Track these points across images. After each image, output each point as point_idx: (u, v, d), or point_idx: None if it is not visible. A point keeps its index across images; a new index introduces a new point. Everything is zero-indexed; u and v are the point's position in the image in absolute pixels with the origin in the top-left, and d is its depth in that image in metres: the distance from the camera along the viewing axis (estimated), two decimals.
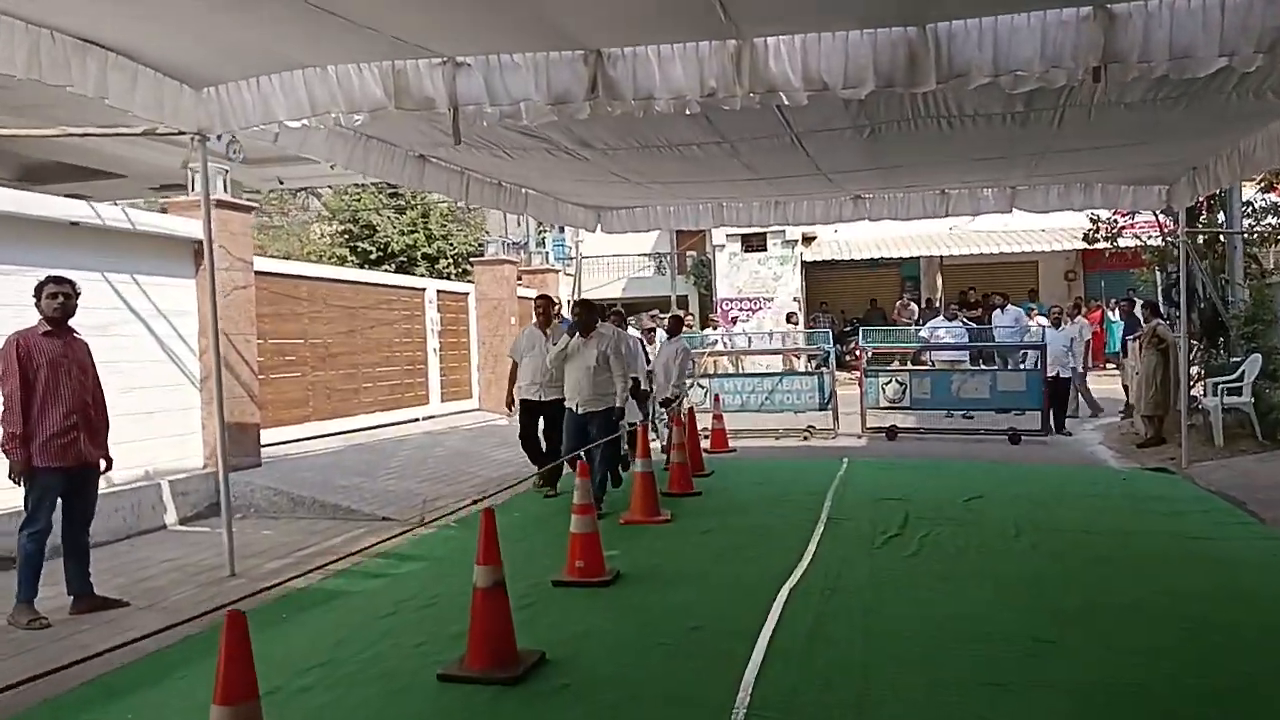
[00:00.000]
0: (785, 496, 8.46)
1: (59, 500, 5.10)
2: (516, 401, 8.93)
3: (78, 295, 5.21)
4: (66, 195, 8.02)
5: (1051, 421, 12.15)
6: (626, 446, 9.50)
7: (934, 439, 12.46)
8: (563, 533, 5.88)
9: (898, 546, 6.50)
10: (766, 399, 13.22)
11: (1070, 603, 5.17)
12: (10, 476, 4.96)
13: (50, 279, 5.14)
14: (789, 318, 21.86)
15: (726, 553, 6.56)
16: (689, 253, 27.13)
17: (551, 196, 10.59)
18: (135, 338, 7.50)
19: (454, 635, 4.54)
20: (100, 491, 6.88)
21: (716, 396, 12.68)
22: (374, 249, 26.59)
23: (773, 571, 5.83)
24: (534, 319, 9.04)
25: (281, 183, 15.56)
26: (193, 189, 8.18)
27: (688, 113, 5.24)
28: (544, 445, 8.78)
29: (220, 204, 8.12)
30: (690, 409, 10.72)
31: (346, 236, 27.65)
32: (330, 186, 27.71)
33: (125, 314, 7.40)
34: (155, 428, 7.59)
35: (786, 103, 5.00)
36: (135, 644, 3.05)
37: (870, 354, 13.75)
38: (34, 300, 5.08)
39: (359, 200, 27.19)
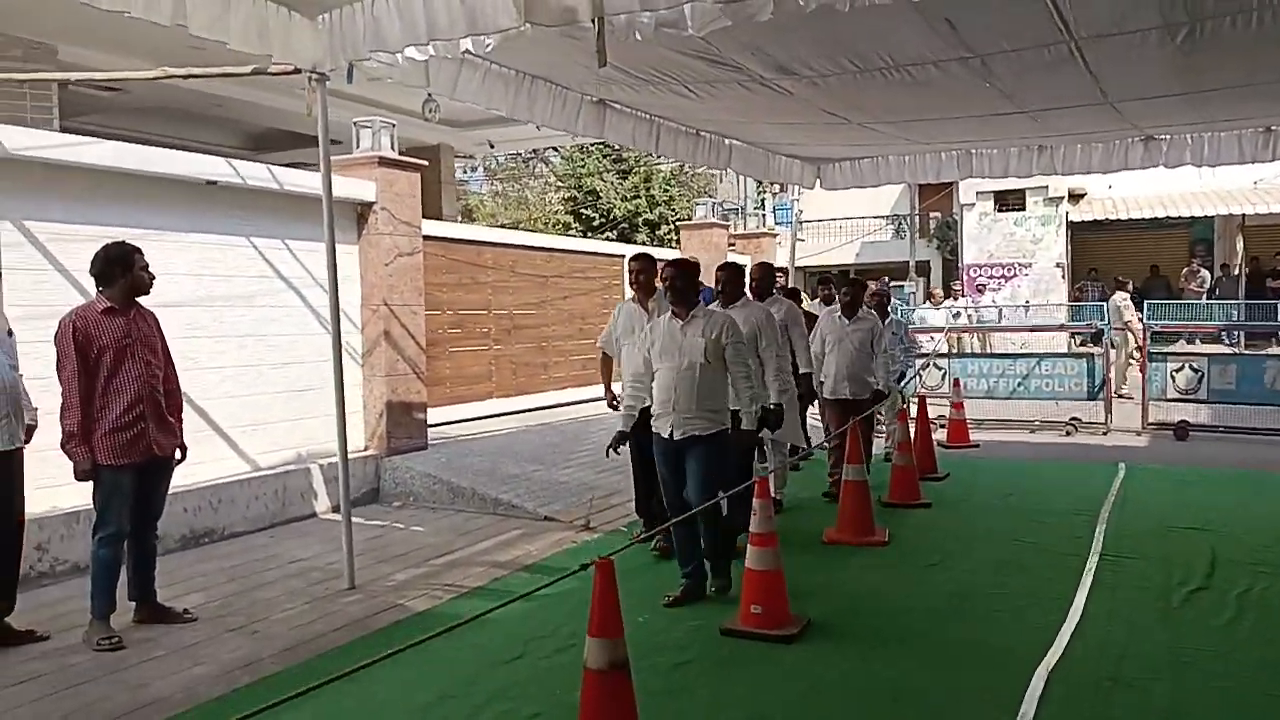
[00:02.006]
0: (1042, 515, 6.68)
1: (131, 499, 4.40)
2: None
3: None
4: (289, 164, 7.69)
5: None
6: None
7: (1236, 440, 9.95)
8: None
9: (1205, 608, 4.69)
10: (1020, 384, 11.17)
11: None
12: (76, 477, 4.31)
13: (130, 245, 4.41)
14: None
15: (959, 600, 4.98)
16: (932, 213, 24.59)
17: (761, 148, 9.19)
18: (287, 308, 6.89)
19: None
20: (240, 477, 6.45)
21: (956, 381, 10.80)
22: (597, 215, 26.22)
23: (1024, 637, 4.31)
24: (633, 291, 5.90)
25: (492, 145, 15.15)
26: (357, 145, 7.49)
27: None
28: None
29: (384, 162, 7.40)
30: (921, 396, 9.02)
31: (571, 203, 27.50)
32: (556, 149, 27.59)
33: (275, 283, 6.80)
34: (308, 406, 6.97)
35: None
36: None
37: (1154, 333, 11.30)
38: (106, 269, 4.34)
39: (583, 166, 26.89)
